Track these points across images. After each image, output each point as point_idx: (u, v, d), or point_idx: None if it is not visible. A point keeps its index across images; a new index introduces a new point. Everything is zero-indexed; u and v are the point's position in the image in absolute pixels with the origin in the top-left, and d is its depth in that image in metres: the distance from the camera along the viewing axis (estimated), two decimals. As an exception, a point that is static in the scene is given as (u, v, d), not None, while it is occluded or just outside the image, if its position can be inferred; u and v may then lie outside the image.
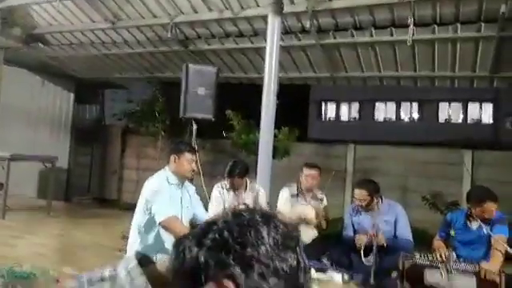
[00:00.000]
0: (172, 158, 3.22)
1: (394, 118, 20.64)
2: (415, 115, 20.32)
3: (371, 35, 5.48)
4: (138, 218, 3.14)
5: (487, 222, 3.34)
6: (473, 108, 19.28)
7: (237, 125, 7.24)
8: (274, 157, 7.16)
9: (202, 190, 4.60)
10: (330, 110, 21.84)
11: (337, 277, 3.45)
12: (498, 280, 2.84)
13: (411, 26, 4.60)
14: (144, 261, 2.67)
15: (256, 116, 5.25)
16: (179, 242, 0.84)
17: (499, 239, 3.15)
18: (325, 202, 4.39)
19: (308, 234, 4.22)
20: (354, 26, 5.47)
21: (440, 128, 18.48)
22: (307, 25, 5.42)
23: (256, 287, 0.75)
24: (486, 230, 3.25)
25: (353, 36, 5.59)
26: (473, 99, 18.89)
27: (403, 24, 5.01)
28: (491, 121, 18.92)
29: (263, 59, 5.05)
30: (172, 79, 7.83)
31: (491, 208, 3.29)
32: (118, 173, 9.60)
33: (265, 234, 0.78)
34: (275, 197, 4.58)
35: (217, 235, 0.80)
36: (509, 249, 3.06)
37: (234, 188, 3.97)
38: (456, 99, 18.92)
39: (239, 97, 9.26)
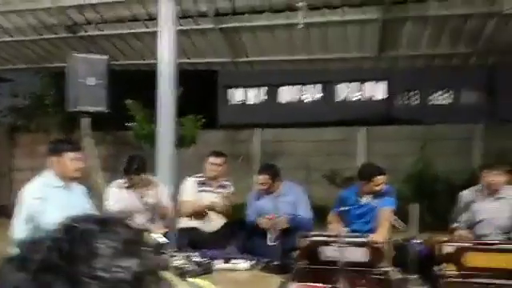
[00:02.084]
0: (52, 159, 2.93)
1: (298, 99, 21.53)
2: (317, 96, 21.39)
3: (268, 19, 5.54)
4: (18, 230, 2.80)
5: (377, 195, 3.59)
6: (368, 87, 20.81)
7: (138, 115, 6.92)
8: (180, 146, 7.03)
9: (101, 188, 4.34)
10: (237, 95, 22.07)
11: (241, 263, 3.47)
12: (385, 248, 3.08)
13: (302, 9, 4.71)
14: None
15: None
16: (1, 267, 0.72)
17: (385, 211, 3.41)
18: (231, 189, 4.38)
19: (215, 223, 4.20)
20: (252, 10, 5.48)
21: (339, 107, 19.69)
22: (204, 8, 5.31)
23: None
24: (374, 203, 3.50)
25: (250, 20, 5.61)
26: (368, 79, 20.34)
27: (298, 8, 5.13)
28: (385, 98, 20.55)
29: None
30: (63, 69, 7.20)
31: (380, 181, 3.54)
32: (8, 175, 8.69)
33: (100, 244, 0.70)
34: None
35: (44, 255, 0.69)
36: (393, 219, 3.32)
37: (133, 186, 3.76)
38: (353, 79, 20.25)
39: (139, 85, 8.85)
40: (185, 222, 4.19)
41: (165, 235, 3.27)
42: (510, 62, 7.64)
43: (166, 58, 4.59)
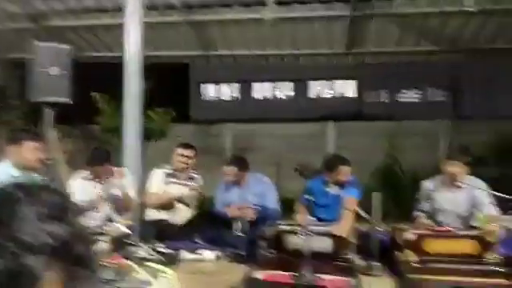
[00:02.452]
0: (11, 148, 2.84)
1: (271, 96, 21.61)
2: (290, 93, 21.56)
3: (237, 13, 5.54)
4: None
5: (342, 185, 3.66)
6: (339, 84, 21.18)
7: (105, 108, 6.78)
8: (149, 139, 6.93)
9: (64, 180, 4.23)
10: (210, 91, 21.96)
11: (209, 255, 3.46)
12: (348, 236, 3.15)
13: (270, 3, 4.73)
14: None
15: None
16: None
17: (350, 200, 3.48)
18: (200, 181, 4.36)
19: (183, 215, 4.17)
20: (221, 3, 5.47)
21: (311, 104, 19.92)
22: (173, 0, 5.25)
23: (11, 268, 0.67)
24: (340, 192, 3.56)
25: (219, 13, 5.59)
26: (339, 77, 20.70)
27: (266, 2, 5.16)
28: (355, 95, 20.92)
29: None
30: (26, 60, 6.97)
31: (344, 172, 3.61)
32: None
33: (24, 209, 0.70)
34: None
35: None
36: (358, 209, 3.39)
37: (95, 177, 3.69)
38: (324, 77, 20.54)
39: (107, 77, 8.68)
40: (152, 214, 4.15)
41: (129, 227, 3.22)
42: (472, 60, 7.95)
43: (132, 50, 4.53)
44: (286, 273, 2.92)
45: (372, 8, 5.45)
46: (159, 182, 4.18)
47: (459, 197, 3.69)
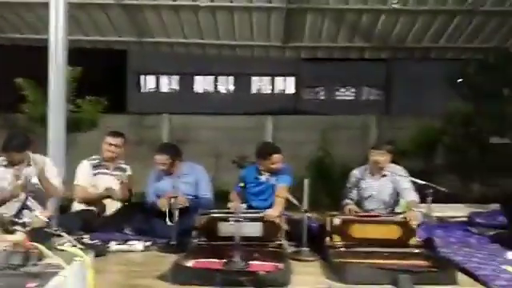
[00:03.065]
0: None
1: (212, 89, 21.57)
2: (231, 87, 21.67)
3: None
4: None
5: (275, 173, 3.71)
6: (279, 81, 21.78)
7: (31, 95, 6.32)
8: (78, 129, 6.58)
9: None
10: (149, 82, 21.37)
11: (138, 245, 3.35)
12: (279, 222, 3.20)
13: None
14: None
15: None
16: None
17: (281, 187, 3.54)
18: (129, 171, 4.21)
19: (112, 206, 4.00)
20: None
21: (253, 98, 20.23)
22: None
23: None
24: (272, 180, 3.61)
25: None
26: (279, 73, 21.22)
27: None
28: (294, 92, 21.64)
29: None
30: None
31: (277, 159, 3.66)
32: None
33: None
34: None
35: None
36: (289, 196, 3.45)
37: (12, 163, 3.42)
38: (265, 73, 21.00)
39: (33, 62, 8.10)
40: (79, 207, 3.95)
41: (49, 217, 3.02)
42: (400, 58, 8.41)
43: (56, 32, 4.25)
44: (217, 260, 2.91)
45: (307, 2, 5.57)
46: (86, 174, 3.98)
47: (384, 184, 3.90)
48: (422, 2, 5.68)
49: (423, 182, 3.49)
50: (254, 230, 3.14)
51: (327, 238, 3.22)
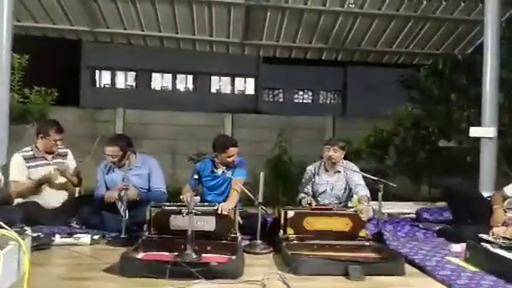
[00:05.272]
0: None
1: (170, 87, 21.23)
2: (190, 86, 21.44)
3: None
4: None
5: (231, 167, 3.67)
6: (239, 81, 21.86)
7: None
8: (25, 121, 6.24)
9: None
10: (104, 77, 20.70)
11: (85, 238, 3.20)
12: (232, 215, 3.16)
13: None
14: None
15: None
16: None
17: (236, 180, 3.51)
18: (70, 156, 3.95)
19: (55, 197, 3.79)
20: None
21: (212, 98, 20.14)
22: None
23: None
24: (228, 174, 3.56)
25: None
26: (239, 74, 21.33)
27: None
28: (253, 92, 21.82)
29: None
30: None
31: (232, 153, 3.63)
32: None
33: None
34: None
35: None
36: (244, 189, 3.43)
37: None
38: (226, 73, 21.02)
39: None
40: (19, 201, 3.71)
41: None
42: (356, 62, 8.63)
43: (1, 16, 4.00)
44: (167, 253, 2.83)
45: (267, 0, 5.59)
46: (20, 168, 3.71)
47: (337, 180, 3.98)
48: (378, 6, 5.85)
49: (375, 178, 3.57)
50: (208, 223, 3.08)
51: (281, 231, 3.22)
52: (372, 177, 3.64)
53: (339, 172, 3.97)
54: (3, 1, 3.98)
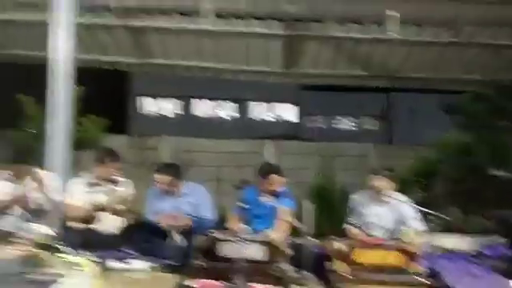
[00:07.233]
0: None
1: (213, 115, 21.69)
2: (233, 113, 21.84)
3: (175, 21, 5.51)
4: None
5: (276, 195, 3.69)
6: (280, 108, 22.01)
7: (30, 112, 6.33)
8: (80, 148, 6.56)
9: None
10: (150, 105, 21.49)
11: (138, 264, 3.29)
12: (282, 246, 3.15)
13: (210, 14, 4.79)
14: None
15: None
16: None
17: (283, 210, 3.50)
18: (126, 184, 4.06)
19: (110, 224, 3.91)
20: (159, 10, 5.42)
21: (254, 124, 20.38)
22: (110, 2, 5.12)
23: None
24: (273, 203, 3.57)
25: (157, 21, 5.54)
26: (281, 101, 21.48)
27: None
28: (294, 119, 21.84)
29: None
30: None
31: (276, 180, 3.64)
32: None
33: None
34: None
35: None
36: (292, 219, 3.42)
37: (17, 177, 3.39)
38: (268, 100, 21.27)
39: (35, 79, 8.14)
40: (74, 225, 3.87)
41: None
42: (399, 89, 8.54)
43: (60, 52, 4.35)
44: (218, 282, 2.85)
45: (306, 29, 5.68)
46: (77, 193, 3.86)
47: (385, 211, 3.85)
48: (418, 34, 5.79)
49: (426, 210, 3.46)
50: (256, 252, 3.08)
51: (330, 264, 3.17)
52: (424, 209, 3.52)
53: (388, 202, 3.86)
54: (67, 39, 4.29)
